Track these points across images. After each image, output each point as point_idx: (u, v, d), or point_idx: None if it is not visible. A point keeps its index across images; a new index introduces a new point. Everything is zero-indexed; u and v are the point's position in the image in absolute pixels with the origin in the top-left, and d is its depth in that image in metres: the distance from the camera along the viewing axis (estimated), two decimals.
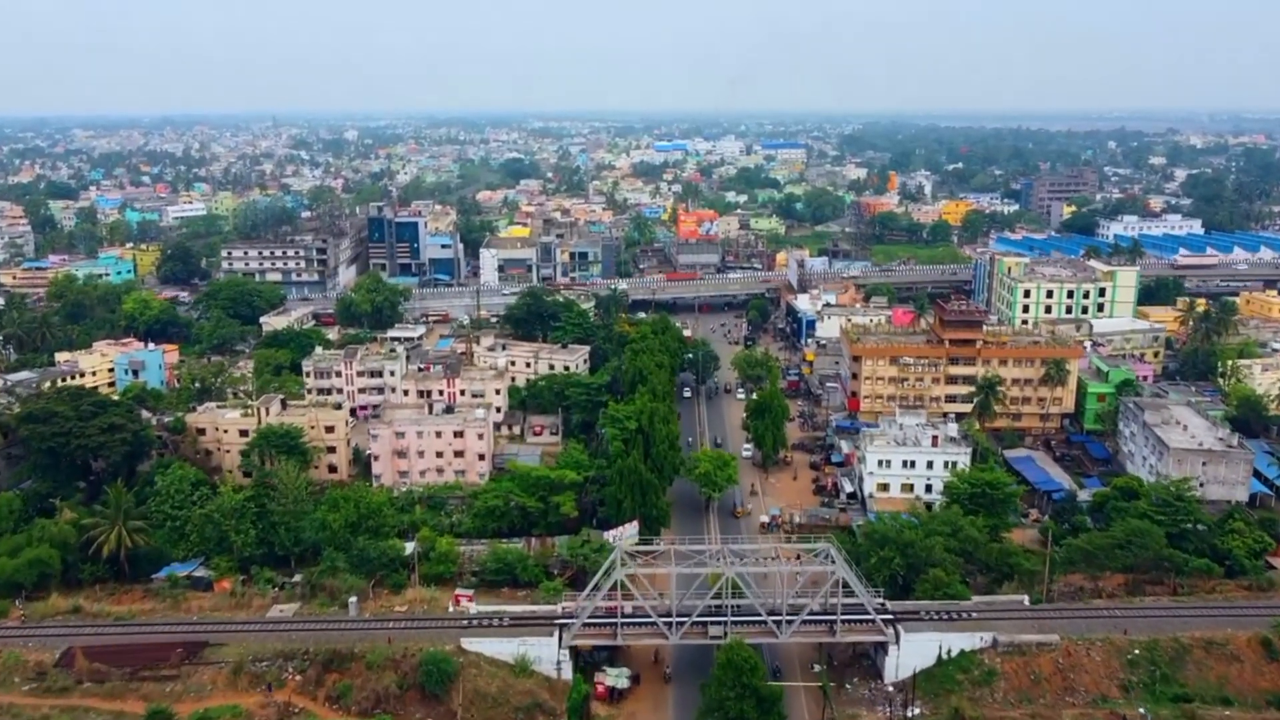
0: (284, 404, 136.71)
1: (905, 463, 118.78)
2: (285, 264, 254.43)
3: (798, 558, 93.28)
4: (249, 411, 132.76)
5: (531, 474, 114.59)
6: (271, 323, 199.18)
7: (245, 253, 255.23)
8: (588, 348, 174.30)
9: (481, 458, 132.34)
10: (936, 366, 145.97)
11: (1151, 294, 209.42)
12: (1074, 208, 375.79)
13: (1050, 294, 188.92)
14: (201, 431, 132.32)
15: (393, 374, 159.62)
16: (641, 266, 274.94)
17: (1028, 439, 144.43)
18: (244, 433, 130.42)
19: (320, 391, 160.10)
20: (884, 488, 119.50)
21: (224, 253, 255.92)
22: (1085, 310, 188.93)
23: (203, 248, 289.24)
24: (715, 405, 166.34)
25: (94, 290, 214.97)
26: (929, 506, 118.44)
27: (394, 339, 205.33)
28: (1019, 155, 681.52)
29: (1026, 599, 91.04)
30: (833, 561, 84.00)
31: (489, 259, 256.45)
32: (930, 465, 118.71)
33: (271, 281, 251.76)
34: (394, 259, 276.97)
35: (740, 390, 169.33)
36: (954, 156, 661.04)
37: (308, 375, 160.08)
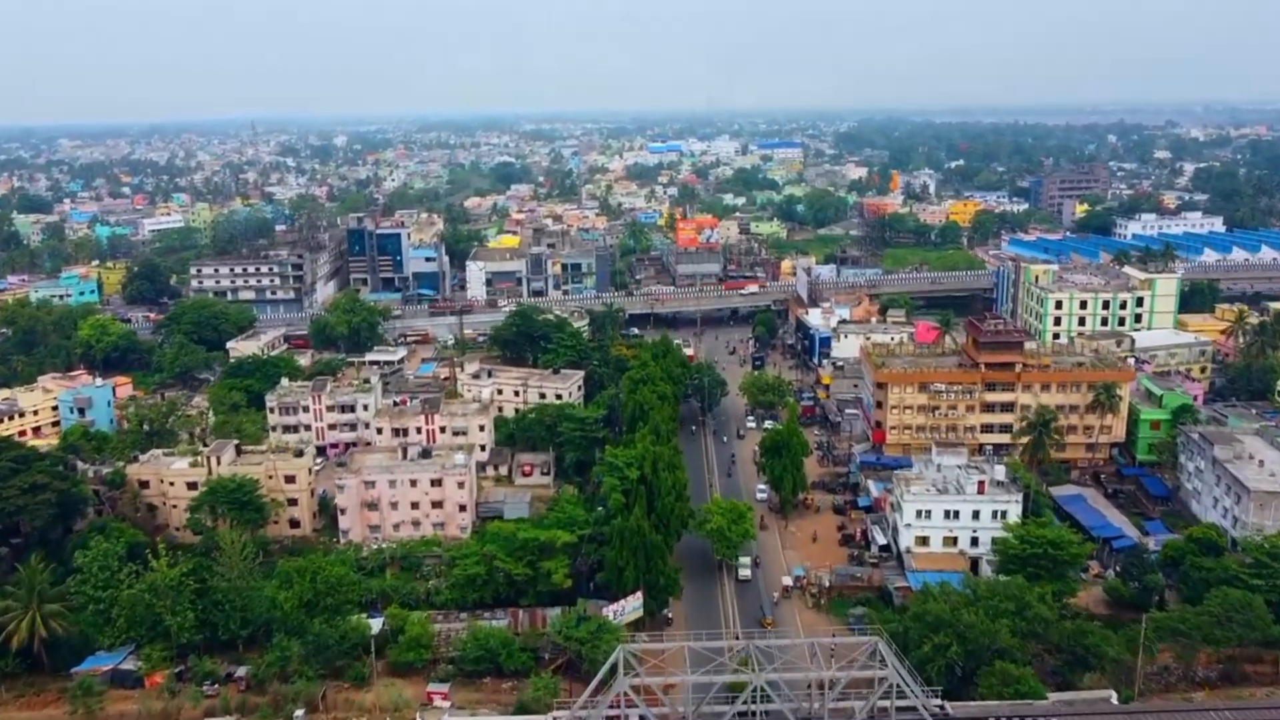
0: (239, 450, 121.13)
1: (948, 513, 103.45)
2: (259, 281, 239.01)
3: (833, 642, 77.84)
4: (198, 460, 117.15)
5: (518, 535, 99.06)
6: (239, 348, 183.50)
7: (216, 270, 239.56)
8: (582, 373, 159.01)
9: (463, 509, 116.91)
10: (971, 393, 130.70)
11: (1185, 301, 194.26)
12: (1086, 206, 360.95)
13: (1084, 305, 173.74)
14: (144, 485, 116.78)
15: (366, 408, 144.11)
16: (638, 277, 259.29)
17: (1073, 472, 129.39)
18: (192, 485, 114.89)
19: (286, 429, 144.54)
20: (923, 541, 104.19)
21: (193, 270, 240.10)
22: (1122, 322, 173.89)
23: (176, 263, 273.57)
24: (724, 435, 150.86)
25: (48, 314, 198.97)
26: (974, 563, 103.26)
27: (373, 363, 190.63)
28: (1020, 151, 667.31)
29: (1114, 695, 75.67)
30: (883, 662, 68.63)
31: (476, 272, 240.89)
32: (976, 515, 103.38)
33: (244, 301, 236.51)
34: (376, 273, 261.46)
35: (750, 418, 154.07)
36: (954, 153, 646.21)
37: (271, 411, 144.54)
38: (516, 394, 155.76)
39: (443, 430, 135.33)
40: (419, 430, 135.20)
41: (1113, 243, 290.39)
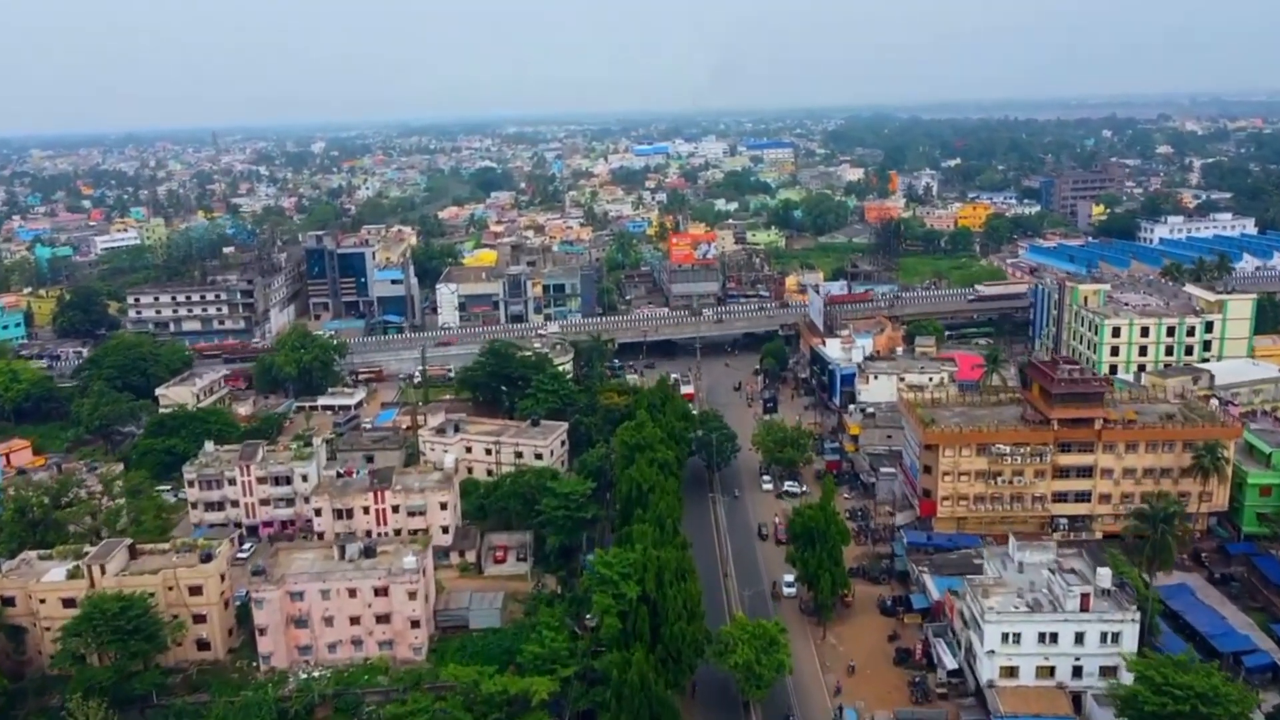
0: (133, 552, 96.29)
1: (1043, 636, 79.51)
2: (205, 310, 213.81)
3: None
4: (78, 569, 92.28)
5: (480, 688, 74.64)
6: (170, 395, 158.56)
7: (156, 299, 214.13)
8: (565, 426, 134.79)
9: (415, 625, 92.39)
10: (1041, 456, 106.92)
11: None
12: (1102, 208, 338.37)
13: (1145, 332, 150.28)
14: (9, 602, 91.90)
15: (305, 479, 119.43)
16: (628, 297, 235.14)
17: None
18: (70, 603, 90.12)
19: (208, 507, 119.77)
20: (1011, 672, 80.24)
21: (130, 299, 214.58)
22: (1189, 351, 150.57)
23: (122, 287, 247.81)
24: (737, 502, 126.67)
25: None
26: (1076, 700, 79.40)
27: (327, 408, 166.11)
28: (1017, 148, 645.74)
29: None
30: None
31: (448, 296, 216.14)
32: (1080, 639, 79.48)
33: (189, 332, 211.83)
34: (338, 297, 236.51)
35: (765, 476, 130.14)
36: (949, 151, 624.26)
37: (190, 485, 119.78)
38: (489, 452, 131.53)
39: (395, 510, 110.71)
40: (366, 510, 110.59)
41: (1142, 249, 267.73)
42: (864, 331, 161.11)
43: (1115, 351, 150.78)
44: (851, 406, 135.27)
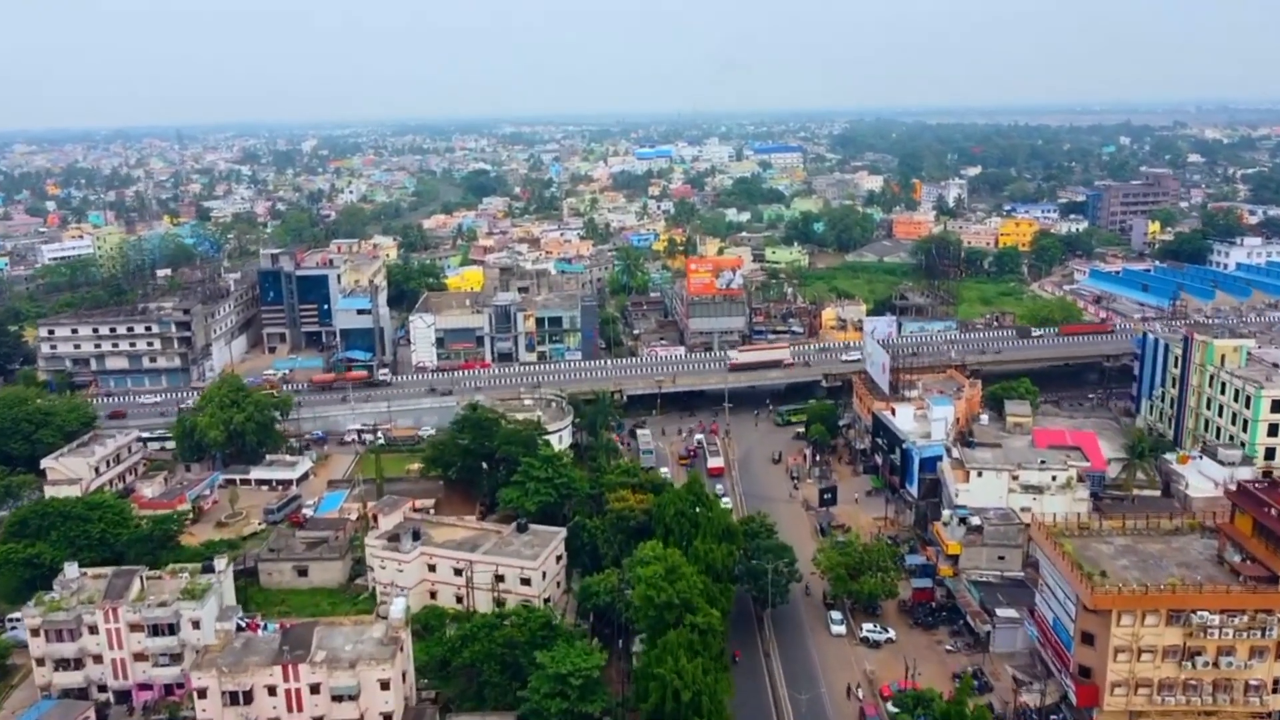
0: None
1: None
2: (133, 345, 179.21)
3: None
4: None
5: None
6: (61, 467, 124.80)
7: (74, 330, 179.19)
8: (561, 534, 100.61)
9: None
10: (1264, 630, 72.82)
11: None
12: (1157, 225, 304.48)
13: None
14: None
15: (196, 625, 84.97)
16: (636, 332, 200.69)
17: None
18: None
19: (60, 665, 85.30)
20: None
21: (42, 331, 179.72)
22: None
23: (54, 309, 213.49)
24: (796, 647, 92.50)
25: None
26: None
27: (262, 483, 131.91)
28: (1037, 155, 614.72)
29: None
30: None
31: (423, 330, 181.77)
32: None
33: (114, 372, 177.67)
34: (297, 326, 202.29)
35: (836, 614, 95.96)
36: (966, 157, 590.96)
37: (35, 635, 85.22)
38: (458, 573, 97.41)
39: (314, 690, 76.19)
40: (273, 692, 76.04)
41: (1223, 277, 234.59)
42: (941, 396, 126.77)
43: (1274, 431, 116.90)
44: (946, 513, 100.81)
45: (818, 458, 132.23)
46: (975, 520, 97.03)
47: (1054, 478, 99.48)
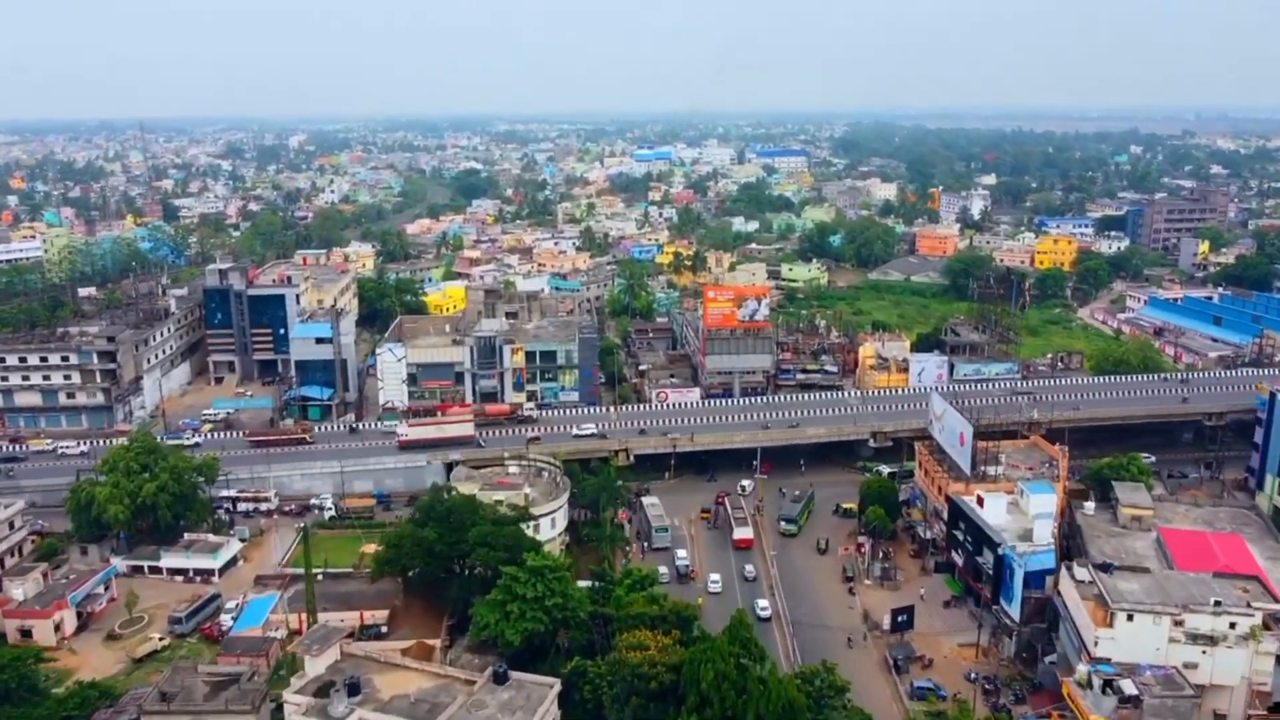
0: None
1: None
2: (47, 378, 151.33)
3: None
4: None
5: None
6: None
7: None
8: (555, 690, 72.94)
9: None
10: None
11: None
12: (1208, 245, 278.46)
13: None
14: None
15: None
16: (642, 366, 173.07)
17: None
18: None
19: None
20: None
21: None
22: None
23: None
24: None
25: None
26: None
27: (174, 573, 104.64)
28: (1051, 163, 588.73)
29: None
30: None
31: (392, 364, 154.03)
32: None
33: (25, 409, 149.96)
34: (248, 353, 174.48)
35: None
36: (979, 165, 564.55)
37: None
38: None
39: None
40: None
41: None
42: (1035, 479, 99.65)
43: None
44: (1082, 669, 73.49)
45: (879, 553, 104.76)
46: (1128, 686, 69.88)
47: (1232, 624, 72.45)
